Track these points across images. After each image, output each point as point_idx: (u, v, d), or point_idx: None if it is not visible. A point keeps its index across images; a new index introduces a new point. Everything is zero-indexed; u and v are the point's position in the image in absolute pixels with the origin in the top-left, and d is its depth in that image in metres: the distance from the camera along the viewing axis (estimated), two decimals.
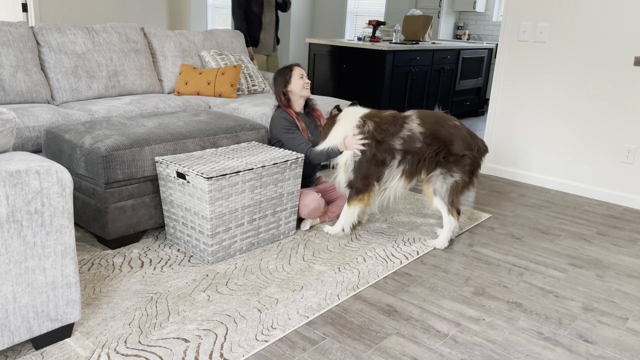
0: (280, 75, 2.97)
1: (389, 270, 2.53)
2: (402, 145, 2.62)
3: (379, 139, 2.65)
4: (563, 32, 3.76)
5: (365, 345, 1.95)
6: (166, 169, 2.50)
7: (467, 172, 2.62)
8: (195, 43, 4.24)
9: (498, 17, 7.85)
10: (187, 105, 3.63)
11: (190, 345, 1.88)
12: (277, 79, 2.98)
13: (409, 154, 2.63)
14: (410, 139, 2.62)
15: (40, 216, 1.64)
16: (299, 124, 2.96)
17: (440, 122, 2.63)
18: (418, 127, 2.62)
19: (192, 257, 2.54)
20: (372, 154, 2.65)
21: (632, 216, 3.47)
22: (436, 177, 2.64)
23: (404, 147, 2.62)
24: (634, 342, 2.07)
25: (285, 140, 2.91)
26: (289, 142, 2.90)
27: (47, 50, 3.45)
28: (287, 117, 2.94)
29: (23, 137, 2.83)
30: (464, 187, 2.67)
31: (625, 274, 2.64)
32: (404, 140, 2.62)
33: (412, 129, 2.62)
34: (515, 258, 2.75)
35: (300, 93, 2.95)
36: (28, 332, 1.71)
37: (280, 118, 2.93)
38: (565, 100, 3.83)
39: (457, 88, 6.41)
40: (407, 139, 2.62)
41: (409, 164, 2.64)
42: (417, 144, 2.61)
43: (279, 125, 2.92)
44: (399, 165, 2.65)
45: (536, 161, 4.05)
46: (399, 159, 2.65)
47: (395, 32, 5.91)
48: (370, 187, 2.72)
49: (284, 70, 2.98)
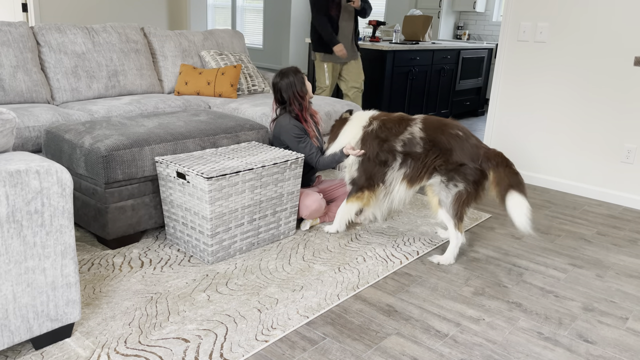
0: (297, 78, 2.89)
1: (389, 270, 2.53)
2: (403, 148, 2.61)
3: (382, 137, 2.65)
4: (563, 32, 3.76)
5: (365, 345, 1.95)
6: (166, 169, 2.50)
7: (470, 183, 2.51)
8: (195, 43, 4.24)
9: (498, 17, 7.85)
10: (187, 105, 3.63)
11: (190, 345, 1.88)
12: (293, 81, 2.88)
13: (409, 157, 2.60)
14: (410, 142, 2.59)
15: (40, 216, 1.64)
16: (308, 130, 2.94)
17: (442, 129, 2.57)
18: (419, 132, 2.59)
19: (192, 257, 2.54)
20: (375, 152, 2.66)
21: (632, 216, 3.47)
22: (438, 185, 2.56)
23: (405, 150, 2.61)
24: (634, 342, 2.07)
25: (295, 148, 2.89)
26: (300, 150, 2.88)
27: (47, 50, 3.45)
28: (298, 124, 2.89)
29: (23, 137, 2.83)
30: (469, 199, 2.54)
31: (625, 274, 2.64)
32: (404, 142, 2.61)
33: (413, 133, 2.60)
34: (515, 258, 2.75)
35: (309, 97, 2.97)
36: (28, 332, 1.71)
37: (292, 125, 2.87)
38: (565, 100, 3.83)
39: (457, 88, 6.41)
40: (407, 141, 2.60)
41: (410, 168, 2.60)
42: (417, 148, 2.58)
43: (290, 133, 2.87)
44: (400, 168, 2.63)
45: (536, 161, 4.05)
46: (399, 161, 2.63)
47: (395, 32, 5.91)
48: (372, 187, 2.71)
49: (297, 73, 2.89)
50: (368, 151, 2.68)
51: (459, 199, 2.53)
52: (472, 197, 2.54)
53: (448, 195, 2.54)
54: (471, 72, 6.59)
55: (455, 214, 2.56)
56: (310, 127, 2.97)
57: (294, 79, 2.89)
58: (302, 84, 2.90)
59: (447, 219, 2.58)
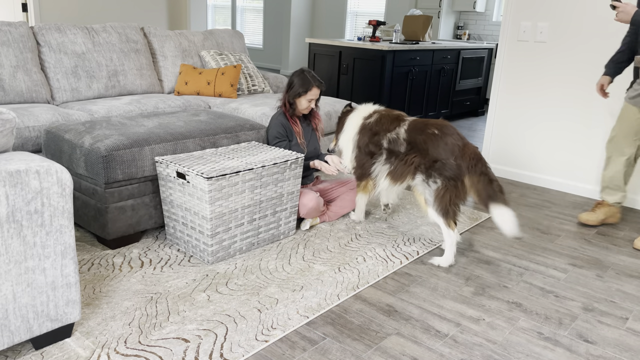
0: (301, 85, 2.89)
1: (389, 270, 2.53)
2: (388, 145, 2.71)
3: (374, 130, 2.77)
4: (563, 32, 3.76)
5: (365, 345, 1.95)
6: (166, 169, 2.50)
7: (447, 178, 2.50)
8: (195, 43, 4.24)
9: (498, 17, 7.85)
10: (187, 105, 3.63)
11: (190, 345, 1.88)
12: (296, 86, 2.90)
13: (392, 155, 2.69)
14: (395, 141, 2.68)
15: (40, 216, 1.63)
16: (294, 128, 2.99)
17: (421, 130, 2.61)
18: (403, 133, 2.66)
19: (192, 257, 2.54)
20: (365, 142, 2.78)
21: (632, 216, 3.47)
22: (421, 184, 2.59)
23: (389, 147, 2.70)
24: (634, 342, 2.07)
25: (271, 144, 2.98)
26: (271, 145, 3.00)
27: (47, 50, 3.45)
28: (284, 123, 2.97)
29: (23, 137, 2.83)
30: (449, 194, 2.52)
31: (625, 274, 2.64)
32: (389, 140, 2.70)
33: (398, 133, 2.68)
34: (515, 258, 2.75)
35: (300, 110, 2.99)
36: (28, 332, 1.71)
37: (278, 123, 2.96)
38: (565, 100, 3.83)
39: (457, 88, 6.41)
40: (392, 140, 2.69)
41: (393, 165, 2.69)
42: (400, 148, 2.66)
43: (273, 129, 2.98)
44: (385, 163, 2.72)
45: (536, 161, 4.05)
46: (384, 157, 2.72)
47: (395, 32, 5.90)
48: (366, 176, 2.86)
49: (306, 81, 2.89)
50: (360, 141, 2.81)
51: (439, 195, 2.53)
52: (452, 193, 2.52)
53: (431, 192, 2.57)
54: (471, 72, 6.59)
55: (443, 212, 2.55)
56: (298, 126, 3.01)
57: (297, 82, 2.90)
58: (300, 93, 2.90)
59: (436, 218, 2.59)
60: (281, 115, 2.99)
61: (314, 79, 2.90)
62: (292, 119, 3.00)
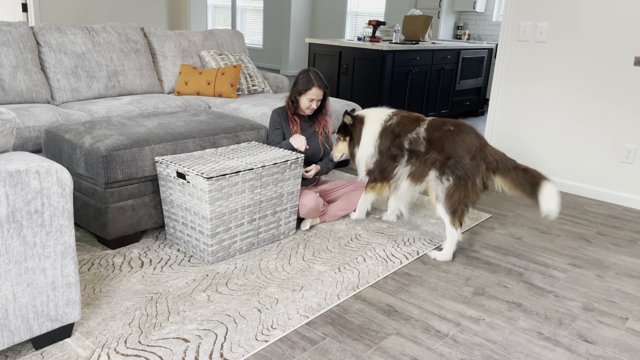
0: (303, 83, 2.90)
1: (389, 270, 2.53)
2: (409, 146, 2.70)
3: (396, 132, 2.76)
4: (563, 32, 3.76)
5: (365, 345, 1.95)
6: (166, 169, 2.50)
7: (458, 177, 2.51)
8: (195, 43, 4.24)
9: (498, 17, 7.85)
10: (187, 105, 3.63)
11: (190, 345, 1.88)
12: (299, 84, 2.92)
13: (413, 155, 2.69)
14: (415, 141, 2.68)
15: (40, 216, 1.63)
16: (291, 126, 3.01)
17: (438, 127, 2.64)
18: (423, 132, 2.68)
19: (192, 257, 2.54)
20: (387, 146, 2.77)
21: (632, 216, 3.47)
22: (434, 181, 2.61)
23: (410, 148, 2.70)
24: (634, 342, 2.07)
25: (270, 130, 3.05)
26: (269, 136, 3.05)
27: (47, 50, 3.45)
28: (281, 114, 3.03)
29: (23, 137, 2.83)
30: (461, 194, 2.53)
31: (625, 274, 2.64)
32: (410, 141, 2.70)
33: (418, 133, 2.69)
34: (515, 258, 2.75)
35: (302, 109, 2.99)
36: (28, 332, 1.71)
37: (275, 113, 3.04)
38: (565, 100, 3.83)
39: (457, 88, 6.41)
40: (412, 140, 2.69)
41: (414, 166, 2.68)
42: (420, 147, 2.66)
43: (271, 118, 3.05)
44: (407, 164, 2.71)
45: (536, 161, 4.05)
46: (406, 158, 2.71)
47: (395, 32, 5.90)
48: (384, 180, 2.83)
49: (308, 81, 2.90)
50: (381, 145, 2.78)
51: (450, 193, 2.55)
52: (462, 192, 2.53)
53: (443, 189, 2.58)
54: (471, 72, 6.59)
55: (451, 210, 2.58)
56: (296, 127, 3.02)
57: (301, 80, 2.92)
58: (301, 91, 2.91)
59: (443, 214, 2.62)
60: (282, 109, 3.04)
61: (317, 79, 2.90)
62: (293, 117, 3.00)
